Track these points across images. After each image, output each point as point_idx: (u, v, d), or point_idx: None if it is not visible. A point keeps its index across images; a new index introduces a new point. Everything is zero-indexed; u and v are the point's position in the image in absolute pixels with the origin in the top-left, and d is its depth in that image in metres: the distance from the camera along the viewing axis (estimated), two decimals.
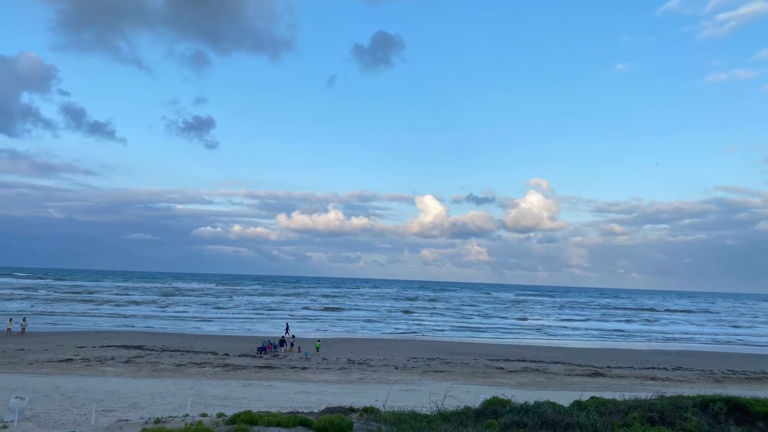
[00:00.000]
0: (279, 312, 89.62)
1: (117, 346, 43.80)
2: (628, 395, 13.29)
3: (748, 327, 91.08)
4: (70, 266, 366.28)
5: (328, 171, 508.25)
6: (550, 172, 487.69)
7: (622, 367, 41.50)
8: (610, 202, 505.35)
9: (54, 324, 61.33)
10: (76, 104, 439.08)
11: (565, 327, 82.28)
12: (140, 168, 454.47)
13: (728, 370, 41.28)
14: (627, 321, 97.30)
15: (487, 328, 76.00)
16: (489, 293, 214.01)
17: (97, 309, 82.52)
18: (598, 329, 79.14)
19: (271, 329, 61.71)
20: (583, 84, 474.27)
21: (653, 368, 41.65)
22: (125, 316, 72.55)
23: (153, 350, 42.32)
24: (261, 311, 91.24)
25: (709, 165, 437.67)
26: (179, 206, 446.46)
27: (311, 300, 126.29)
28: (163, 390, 27.73)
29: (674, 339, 69.85)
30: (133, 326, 62.23)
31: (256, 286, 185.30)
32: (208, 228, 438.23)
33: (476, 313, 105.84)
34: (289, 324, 58.62)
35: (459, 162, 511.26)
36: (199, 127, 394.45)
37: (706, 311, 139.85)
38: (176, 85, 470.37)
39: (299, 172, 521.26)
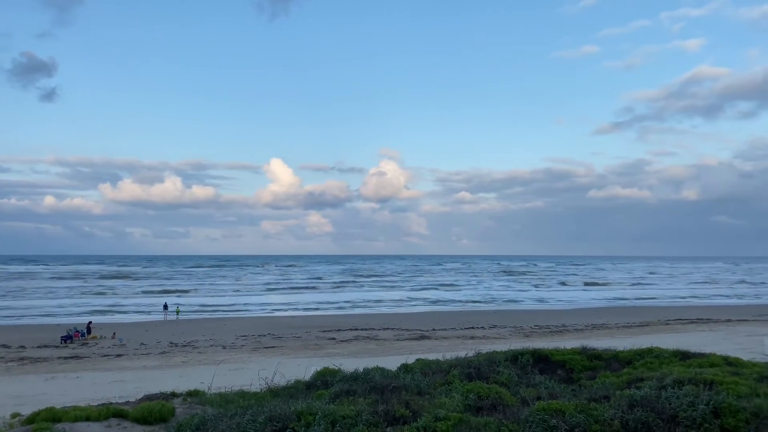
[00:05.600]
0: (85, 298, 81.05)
1: None
2: (450, 355, 14.19)
3: (549, 289, 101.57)
4: None
5: (156, 136, 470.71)
6: (401, 143, 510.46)
7: (445, 329, 44.61)
8: (452, 172, 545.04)
9: None
10: None
11: (393, 294, 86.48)
12: None
13: (535, 326, 46.63)
14: (448, 286, 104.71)
15: (320, 301, 76.73)
16: (332, 264, 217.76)
17: None
18: (422, 297, 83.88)
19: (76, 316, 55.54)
20: (436, 55, 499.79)
21: (472, 328, 45.51)
22: None
23: None
24: (60, 295, 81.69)
25: (542, 136, 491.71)
26: None
27: (130, 279, 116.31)
28: None
29: (492, 300, 77.29)
30: None
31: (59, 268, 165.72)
32: (13, 200, 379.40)
33: (310, 284, 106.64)
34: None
35: (312, 129, 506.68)
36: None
37: (522, 273, 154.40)
38: None
39: (121, 136, 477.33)
